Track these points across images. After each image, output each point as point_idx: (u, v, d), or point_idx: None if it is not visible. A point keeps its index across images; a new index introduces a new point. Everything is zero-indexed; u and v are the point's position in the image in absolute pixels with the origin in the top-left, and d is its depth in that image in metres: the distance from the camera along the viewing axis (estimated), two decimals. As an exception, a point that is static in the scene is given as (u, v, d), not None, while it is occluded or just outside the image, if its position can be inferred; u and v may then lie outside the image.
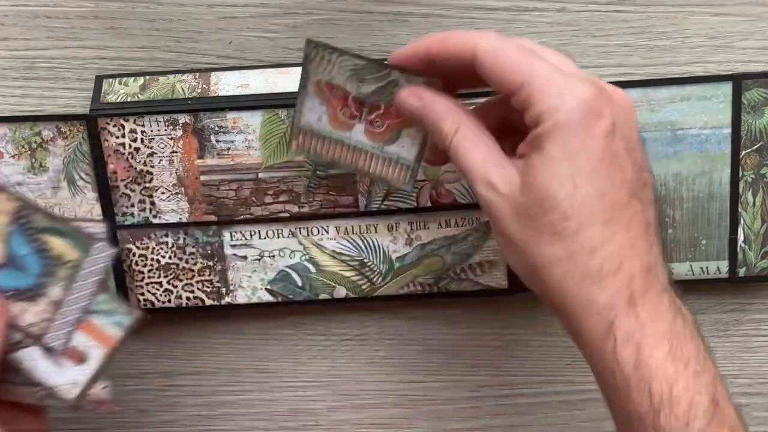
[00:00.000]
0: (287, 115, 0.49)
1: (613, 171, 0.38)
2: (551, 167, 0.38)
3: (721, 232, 0.51)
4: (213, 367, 0.56)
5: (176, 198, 0.51)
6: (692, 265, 0.52)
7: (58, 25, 0.51)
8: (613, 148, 0.38)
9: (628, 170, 0.39)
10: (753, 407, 0.56)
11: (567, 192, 0.37)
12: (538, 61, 0.38)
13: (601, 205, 0.38)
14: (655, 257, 0.39)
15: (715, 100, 0.49)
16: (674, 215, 0.51)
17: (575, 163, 0.37)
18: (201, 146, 0.50)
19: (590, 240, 0.38)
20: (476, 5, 0.50)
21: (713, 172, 0.50)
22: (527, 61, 0.38)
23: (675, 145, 0.50)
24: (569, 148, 0.37)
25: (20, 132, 0.51)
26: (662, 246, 0.40)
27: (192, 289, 0.53)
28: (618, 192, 0.38)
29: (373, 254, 0.52)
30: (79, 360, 0.46)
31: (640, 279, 0.38)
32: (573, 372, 0.56)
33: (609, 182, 0.38)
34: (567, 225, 0.38)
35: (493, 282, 0.52)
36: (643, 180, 0.40)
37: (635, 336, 0.37)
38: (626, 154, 0.39)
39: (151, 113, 0.49)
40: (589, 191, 0.38)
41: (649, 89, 0.49)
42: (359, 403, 0.57)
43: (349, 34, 0.51)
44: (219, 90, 0.50)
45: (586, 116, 0.38)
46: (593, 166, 0.38)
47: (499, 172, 0.39)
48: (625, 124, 0.39)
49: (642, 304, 0.38)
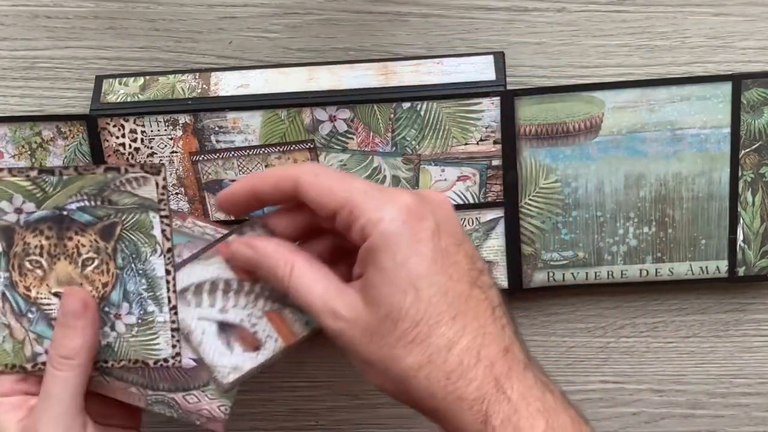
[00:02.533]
0: (287, 115, 0.49)
1: (448, 267, 0.39)
2: (390, 278, 0.38)
3: (721, 232, 0.51)
4: (213, 367, 0.56)
5: (176, 198, 0.51)
6: (692, 264, 0.52)
7: (58, 25, 0.51)
8: (441, 246, 0.39)
9: (463, 263, 0.40)
10: (753, 407, 0.56)
11: (411, 299, 0.38)
12: (356, 181, 0.40)
13: (446, 302, 0.39)
14: (509, 337, 0.40)
15: (715, 100, 0.49)
16: (674, 215, 0.51)
17: (410, 269, 0.38)
18: (201, 146, 0.50)
19: (444, 338, 0.38)
20: (476, 5, 0.50)
21: (713, 172, 0.50)
22: (346, 181, 0.40)
23: (675, 144, 0.50)
24: (401, 257, 0.38)
25: (20, 132, 0.50)
26: (514, 322, 0.41)
27: None
28: (458, 285, 0.39)
29: None
30: (252, 347, 0.44)
31: (500, 363, 0.39)
32: (573, 372, 0.56)
33: (448, 279, 0.39)
34: (419, 330, 0.38)
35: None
36: (479, 269, 0.41)
37: (512, 420, 0.38)
38: (456, 249, 0.40)
39: (151, 113, 0.49)
40: (432, 292, 0.38)
41: (649, 89, 0.49)
42: (359, 403, 0.57)
43: (349, 34, 0.51)
44: (219, 90, 0.50)
45: (409, 221, 0.39)
46: (428, 267, 0.39)
47: (341, 300, 0.40)
48: (447, 221, 0.40)
49: (510, 386, 0.38)
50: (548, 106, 0.49)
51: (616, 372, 0.56)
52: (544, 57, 0.51)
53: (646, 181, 0.50)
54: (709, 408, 0.56)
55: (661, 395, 0.56)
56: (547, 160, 0.50)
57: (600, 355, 0.56)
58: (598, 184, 0.50)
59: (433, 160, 0.50)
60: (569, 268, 0.52)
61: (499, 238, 0.51)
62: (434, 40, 0.50)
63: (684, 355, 0.55)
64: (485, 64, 0.49)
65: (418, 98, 0.49)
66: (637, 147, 0.50)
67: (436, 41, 0.50)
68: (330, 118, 0.49)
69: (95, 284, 0.43)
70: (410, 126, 0.49)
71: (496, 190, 0.50)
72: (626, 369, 0.56)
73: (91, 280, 0.43)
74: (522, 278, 0.52)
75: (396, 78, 0.49)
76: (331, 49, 0.51)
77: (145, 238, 0.43)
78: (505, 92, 0.49)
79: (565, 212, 0.51)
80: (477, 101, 0.49)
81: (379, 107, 0.49)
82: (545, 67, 0.51)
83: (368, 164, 0.50)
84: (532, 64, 0.51)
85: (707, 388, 0.56)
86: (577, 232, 0.51)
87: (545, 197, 0.51)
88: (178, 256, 0.43)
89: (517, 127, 0.49)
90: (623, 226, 0.51)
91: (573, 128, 0.50)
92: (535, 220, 0.51)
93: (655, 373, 0.56)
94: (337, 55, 0.51)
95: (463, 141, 0.49)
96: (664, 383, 0.56)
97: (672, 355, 0.55)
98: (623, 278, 0.52)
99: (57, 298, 0.43)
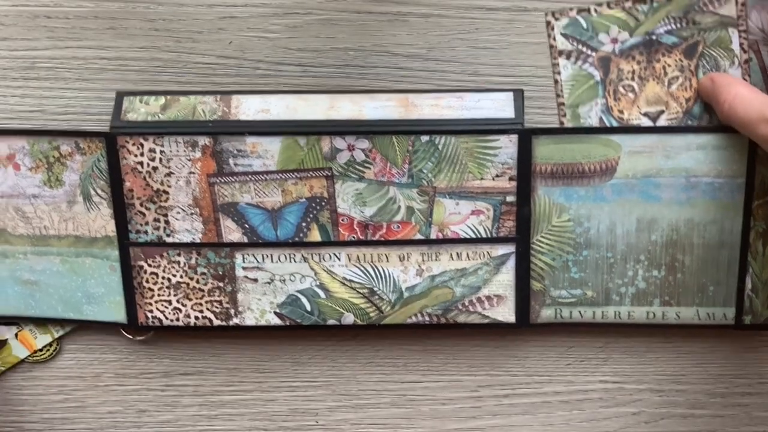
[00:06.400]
0: (307, 143, 0.50)
1: None
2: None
3: (730, 279, 0.51)
4: (213, 367, 0.56)
5: (191, 218, 0.51)
6: (699, 310, 0.52)
7: (58, 25, 0.51)
8: None
9: None
10: (753, 407, 0.56)
11: None
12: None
13: None
14: None
15: (731, 150, 0.49)
16: (684, 260, 0.51)
17: None
18: (219, 168, 0.50)
19: None
20: (476, 5, 0.50)
21: (725, 220, 0.51)
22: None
23: (688, 191, 0.50)
24: None
25: (38, 145, 0.51)
26: None
27: (201, 308, 0.53)
28: None
29: (383, 283, 0.52)
30: None
31: None
32: (573, 372, 0.56)
33: None
34: None
35: (501, 316, 0.53)
36: None
37: None
38: None
39: (171, 134, 0.50)
40: None
41: (666, 136, 0.49)
42: (359, 403, 0.57)
43: (349, 34, 0.51)
44: (239, 114, 0.50)
45: None
46: None
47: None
48: None
49: None
50: (565, 146, 0.50)
51: (616, 372, 0.56)
52: (544, 57, 0.51)
53: (658, 226, 0.51)
54: (709, 408, 0.56)
55: (661, 395, 0.56)
56: (561, 199, 0.51)
57: (600, 355, 0.56)
58: (611, 226, 0.51)
59: (448, 193, 0.50)
60: (577, 306, 0.52)
61: (509, 273, 0.52)
62: (434, 40, 0.51)
63: (684, 355, 0.55)
64: (504, 101, 0.50)
65: (437, 132, 0.49)
66: (651, 191, 0.50)
67: (436, 41, 0.51)
68: (348, 147, 0.50)
69: (679, 100, 0.48)
70: (427, 159, 0.50)
71: (508, 225, 0.51)
72: (626, 369, 0.56)
73: (675, 97, 0.47)
74: (530, 314, 0.53)
75: (416, 111, 0.50)
76: (331, 49, 0.51)
77: (724, 53, 0.48)
78: (523, 130, 0.49)
79: (576, 251, 0.51)
80: (495, 138, 0.49)
81: (397, 139, 0.49)
82: (545, 67, 0.51)
83: (383, 194, 0.50)
84: (532, 64, 0.51)
85: (707, 388, 0.56)
86: (587, 271, 0.52)
87: (557, 235, 0.51)
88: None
89: (533, 165, 0.50)
90: (633, 268, 0.51)
91: (589, 169, 0.50)
92: (545, 257, 0.52)
93: (655, 373, 0.56)
94: (337, 54, 0.51)
95: (479, 176, 0.50)
96: (664, 383, 0.56)
97: (672, 355, 0.55)
98: (630, 319, 0.52)
99: (646, 117, 0.49)
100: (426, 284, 0.52)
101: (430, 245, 0.51)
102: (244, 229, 0.51)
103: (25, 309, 0.54)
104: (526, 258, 0.51)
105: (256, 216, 0.51)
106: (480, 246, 0.51)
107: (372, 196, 0.50)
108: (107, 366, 0.56)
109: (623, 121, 0.49)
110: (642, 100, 0.49)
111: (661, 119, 0.49)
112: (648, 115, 0.48)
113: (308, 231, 0.51)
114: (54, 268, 0.53)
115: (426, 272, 0.52)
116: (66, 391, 0.56)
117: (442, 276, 0.52)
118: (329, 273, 0.52)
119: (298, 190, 0.50)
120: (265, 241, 0.51)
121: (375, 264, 0.52)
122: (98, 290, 0.53)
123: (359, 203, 0.50)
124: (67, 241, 0.52)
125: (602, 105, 0.49)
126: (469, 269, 0.52)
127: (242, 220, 0.51)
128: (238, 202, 0.51)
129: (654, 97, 0.49)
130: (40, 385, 0.56)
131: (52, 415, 0.57)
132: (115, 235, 0.52)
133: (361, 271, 0.52)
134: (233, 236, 0.51)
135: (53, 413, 0.57)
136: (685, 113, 0.48)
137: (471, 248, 0.51)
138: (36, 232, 0.52)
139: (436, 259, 0.52)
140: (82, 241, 0.52)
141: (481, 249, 0.51)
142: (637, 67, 0.48)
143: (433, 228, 0.51)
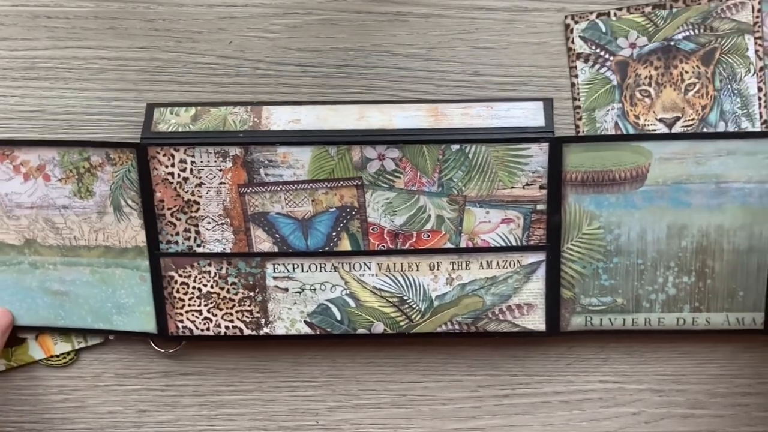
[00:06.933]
0: (337, 152, 0.50)
1: None
2: None
3: (760, 285, 0.52)
4: (213, 367, 0.56)
5: (221, 228, 0.51)
6: (728, 315, 0.52)
7: (58, 25, 0.51)
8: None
9: None
10: (753, 407, 0.56)
11: None
12: None
13: None
14: None
15: (761, 156, 0.49)
16: (714, 266, 0.51)
17: None
18: (250, 178, 0.50)
19: None
20: (476, 5, 0.50)
21: (754, 226, 0.51)
22: None
23: (718, 197, 0.50)
24: None
25: (69, 156, 0.51)
26: None
27: (231, 318, 0.53)
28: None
29: (413, 291, 0.52)
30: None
31: None
32: (573, 372, 0.56)
33: None
34: None
35: (531, 324, 0.53)
36: None
37: None
38: None
39: (202, 144, 0.50)
40: None
41: (697, 142, 0.49)
42: (359, 403, 0.57)
43: (349, 34, 0.51)
44: (270, 124, 0.50)
45: None
46: None
47: None
48: None
49: None
50: (595, 154, 0.50)
51: (616, 372, 0.56)
52: (544, 57, 0.51)
53: (689, 232, 0.51)
54: (709, 408, 0.56)
55: (661, 395, 0.56)
56: (591, 207, 0.51)
57: (600, 355, 0.56)
58: (641, 233, 0.51)
59: (478, 201, 0.50)
60: (607, 314, 0.52)
61: (539, 281, 0.52)
62: (434, 40, 0.51)
63: (684, 355, 0.55)
64: (534, 110, 0.50)
65: (467, 141, 0.49)
66: (681, 198, 0.50)
67: (436, 41, 0.51)
68: (379, 157, 0.50)
69: (695, 107, 0.47)
70: (458, 167, 0.50)
71: (539, 233, 0.51)
72: (626, 369, 0.56)
73: (692, 104, 0.47)
74: (560, 322, 0.53)
75: (446, 120, 0.50)
76: (331, 49, 0.51)
77: (740, 60, 0.47)
78: (553, 139, 0.49)
79: (607, 258, 0.52)
80: (526, 146, 0.49)
81: (428, 148, 0.50)
82: (545, 67, 0.51)
83: (413, 203, 0.51)
84: (532, 64, 0.51)
85: (707, 388, 0.56)
86: (617, 278, 0.52)
87: (587, 243, 0.51)
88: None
89: (563, 173, 0.50)
90: (663, 275, 0.52)
91: (619, 177, 0.50)
92: (576, 265, 0.52)
93: (655, 373, 0.56)
94: (337, 54, 0.51)
95: (510, 184, 0.50)
96: (664, 383, 0.56)
97: (672, 355, 0.55)
98: (660, 326, 0.53)
99: (662, 123, 0.48)
100: (456, 293, 0.52)
101: (460, 254, 0.51)
102: (275, 238, 0.51)
103: (55, 319, 0.54)
104: (556, 266, 0.52)
105: (286, 225, 0.51)
106: (510, 254, 0.51)
107: (402, 205, 0.51)
108: (107, 366, 0.56)
109: (639, 126, 0.49)
110: (658, 105, 0.49)
111: (676, 126, 0.49)
112: (664, 121, 0.48)
113: (338, 240, 0.51)
114: (84, 278, 0.53)
115: (456, 281, 0.52)
116: (66, 391, 0.56)
117: (472, 284, 0.52)
118: (359, 282, 0.52)
119: (329, 200, 0.51)
120: (295, 250, 0.51)
121: (405, 273, 0.52)
122: (128, 300, 0.53)
123: (389, 212, 0.50)
124: (97, 252, 0.52)
125: (618, 109, 0.49)
126: (499, 278, 0.52)
127: (273, 229, 0.51)
128: (269, 212, 0.51)
129: (670, 104, 0.48)
130: (40, 385, 0.56)
131: (52, 415, 0.57)
132: (146, 245, 0.52)
133: (391, 280, 0.52)
134: (264, 246, 0.51)
135: (53, 413, 0.57)
136: (700, 120, 0.48)
137: (501, 257, 0.51)
138: (66, 242, 0.52)
139: (466, 268, 0.52)
140: (112, 251, 0.52)
141: (511, 257, 0.52)
142: (654, 72, 0.48)
143: (463, 237, 0.51)
